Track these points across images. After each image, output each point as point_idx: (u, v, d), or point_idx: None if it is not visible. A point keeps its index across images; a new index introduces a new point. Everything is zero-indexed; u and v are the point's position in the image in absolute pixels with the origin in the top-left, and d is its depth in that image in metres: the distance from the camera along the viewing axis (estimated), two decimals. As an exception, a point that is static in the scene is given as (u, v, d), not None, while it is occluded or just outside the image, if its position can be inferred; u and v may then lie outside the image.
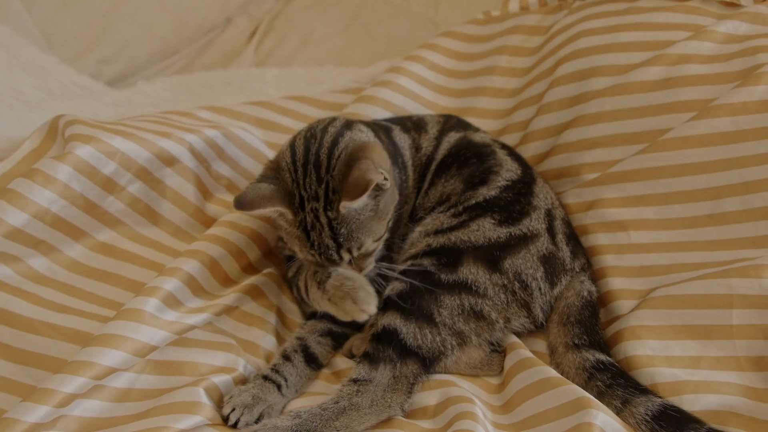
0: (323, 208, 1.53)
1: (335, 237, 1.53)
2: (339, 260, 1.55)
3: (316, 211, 1.53)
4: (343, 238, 1.53)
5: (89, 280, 1.73)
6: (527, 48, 2.19)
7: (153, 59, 3.03)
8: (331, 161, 1.55)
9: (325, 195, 1.53)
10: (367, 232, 1.55)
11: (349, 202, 1.48)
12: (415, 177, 1.81)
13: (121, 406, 1.43)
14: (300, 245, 1.58)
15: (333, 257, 1.55)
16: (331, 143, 1.58)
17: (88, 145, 1.76)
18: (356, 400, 1.44)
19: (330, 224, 1.53)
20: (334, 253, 1.54)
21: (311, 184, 1.54)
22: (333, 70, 2.70)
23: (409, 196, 1.80)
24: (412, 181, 1.81)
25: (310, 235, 1.54)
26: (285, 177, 1.58)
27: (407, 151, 1.82)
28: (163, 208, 1.89)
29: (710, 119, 1.72)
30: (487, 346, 1.60)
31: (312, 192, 1.54)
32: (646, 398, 1.42)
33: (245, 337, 1.65)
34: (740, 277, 1.50)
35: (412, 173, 1.81)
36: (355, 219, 1.54)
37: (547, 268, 1.63)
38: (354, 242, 1.54)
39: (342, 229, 1.53)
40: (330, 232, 1.53)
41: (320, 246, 1.54)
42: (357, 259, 1.58)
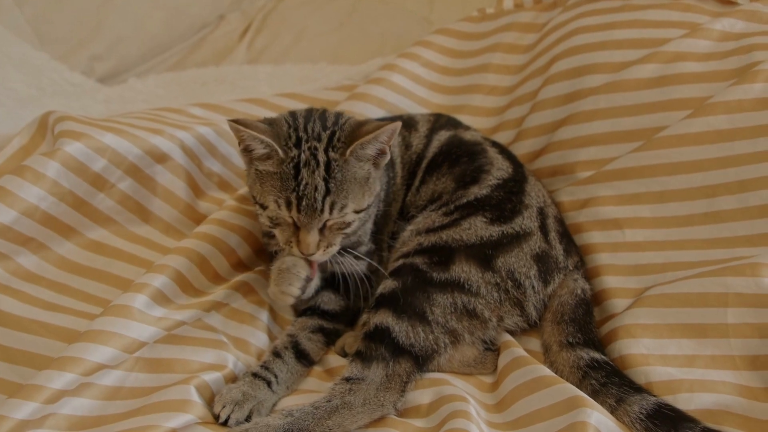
0: (324, 149, 1.53)
1: (327, 180, 1.51)
2: (319, 211, 1.51)
3: (315, 150, 1.52)
4: (334, 183, 1.51)
5: (79, 277, 1.72)
6: (521, 45, 2.19)
7: (145, 56, 3.02)
8: (339, 120, 1.61)
9: (329, 138, 1.55)
10: (353, 195, 1.54)
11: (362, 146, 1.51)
12: (404, 174, 1.81)
13: (111, 404, 1.42)
14: (281, 188, 1.52)
15: (315, 204, 1.50)
16: (337, 113, 1.66)
17: (77, 142, 1.75)
18: (349, 398, 1.43)
19: (328, 164, 1.52)
20: (320, 199, 1.50)
21: (314, 128, 1.56)
22: (326, 68, 2.69)
23: (397, 193, 1.80)
24: (401, 179, 1.81)
25: (300, 174, 1.51)
26: (280, 125, 1.59)
27: (396, 149, 1.82)
28: (153, 205, 1.89)
29: (706, 117, 1.72)
30: (481, 345, 1.59)
31: (314, 134, 1.55)
32: (641, 397, 1.41)
33: (236, 334, 1.64)
34: (736, 276, 1.50)
35: (401, 170, 1.81)
36: (349, 176, 1.53)
37: (540, 267, 1.63)
38: (341, 197, 1.52)
39: (337, 174, 1.52)
40: (325, 172, 1.51)
41: (306, 188, 1.50)
42: (330, 228, 1.55)
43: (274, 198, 1.54)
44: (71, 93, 2.55)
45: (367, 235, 1.72)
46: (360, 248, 1.71)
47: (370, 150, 1.56)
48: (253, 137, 1.53)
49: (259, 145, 1.54)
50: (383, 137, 1.54)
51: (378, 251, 1.75)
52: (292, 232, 1.56)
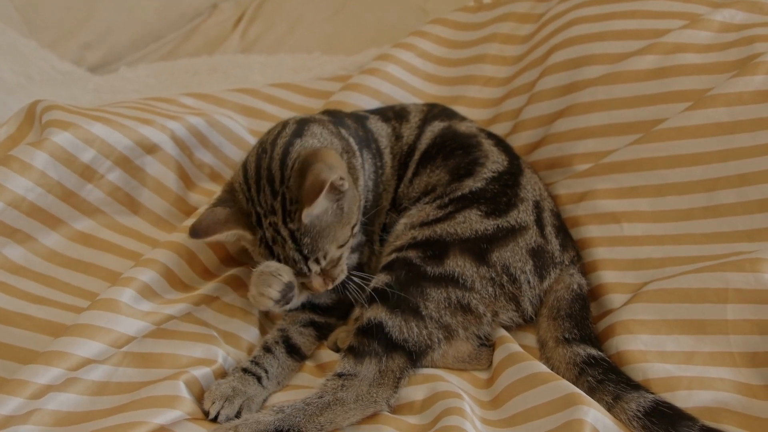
0: (282, 221, 1.50)
1: (299, 249, 1.51)
2: (308, 272, 1.53)
3: (275, 225, 1.50)
4: (307, 249, 1.50)
5: (67, 270, 1.70)
6: (519, 36, 2.17)
7: (136, 45, 2.99)
8: (284, 173, 1.52)
9: (282, 207, 1.50)
10: (330, 240, 1.52)
11: (309, 207, 1.44)
12: (395, 165, 1.80)
13: (99, 400, 1.40)
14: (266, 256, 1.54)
15: (302, 270, 1.52)
16: (282, 155, 1.54)
17: (65, 132, 1.73)
18: (341, 394, 1.41)
19: (292, 236, 1.50)
20: (303, 266, 1.52)
21: (266, 199, 1.52)
22: (320, 58, 2.67)
23: (387, 183, 1.78)
24: (390, 169, 1.79)
25: (274, 251, 1.52)
26: (239, 198, 1.56)
27: (384, 139, 1.80)
28: (143, 196, 1.87)
29: (706, 109, 1.70)
30: (475, 340, 1.58)
31: (268, 207, 1.51)
32: (638, 394, 1.39)
33: (227, 329, 1.62)
34: (736, 271, 1.49)
35: (390, 161, 1.80)
36: (317, 226, 1.50)
37: (536, 261, 1.61)
38: (319, 252, 1.51)
39: (305, 239, 1.50)
40: (293, 244, 1.50)
41: (286, 260, 1.51)
42: (326, 270, 1.56)
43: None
44: (60, 82, 2.54)
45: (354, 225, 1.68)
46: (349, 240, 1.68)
47: (324, 204, 1.49)
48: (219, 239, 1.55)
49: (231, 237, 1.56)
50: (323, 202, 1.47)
51: (369, 243, 1.74)
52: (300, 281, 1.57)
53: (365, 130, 1.79)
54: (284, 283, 1.52)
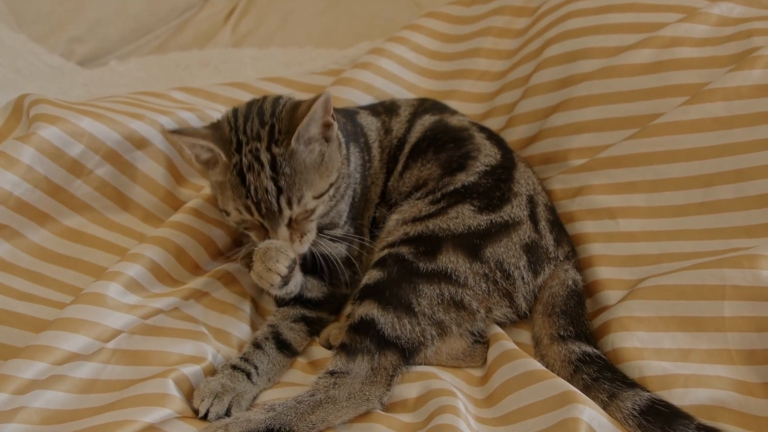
0: (266, 147, 1.50)
1: (276, 178, 1.48)
2: (278, 212, 1.50)
3: (257, 151, 1.50)
4: (284, 180, 1.49)
5: (55, 266, 1.69)
6: (513, 29, 2.16)
7: (126, 38, 2.96)
8: (276, 108, 1.57)
9: (269, 133, 1.51)
10: (308, 184, 1.51)
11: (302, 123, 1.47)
12: (383, 158, 1.79)
13: (86, 398, 1.38)
14: (235, 196, 1.52)
15: (272, 206, 1.49)
16: (274, 100, 1.61)
17: (53, 126, 1.72)
18: (333, 392, 1.40)
19: (273, 162, 1.49)
20: (274, 200, 1.49)
21: (253, 127, 1.53)
22: (312, 52, 2.65)
23: (375, 177, 1.78)
24: (379, 162, 1.79)
25: (246, 179, 1.49)
26: (223, 126, 1.58)
27: (373, 133, 1.81)
28: (133, 192, 1.85)
29: (703, 104, 1.69)
30: (469, 337, 1.57)
31: (253, 134, 1.52)
32: (634, 392, 1.39)
33: (217, 325, 1.61)
34: (733, 268, 1.48)
35: (379, 154, 1.80)
36: (299, 165, 1.50)
37: (530, 257, 1.60)
38: (295, 190, 1.49)
39: (285, 168, 1.49)
40: (271, 172, 1.48)
41: (257, 192, 1.49)
42: (297, 220, 1.53)
43: (234, 206, 1.54)
44: (49, 76, 2.52)
45: (341, 217, 1.70)
46: (335, 230, 1.68)
47: (314, 129, 1.53)
48: (193, 144, 1.55)
49: (203, 151, 1.56)
50: (319, 111, 1.51)
51: (359, 236, 1.73)
52: (264, 233, 1.55)
53: (354, 125, 1.79)
54: (291, 259, 1.52)
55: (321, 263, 1.65)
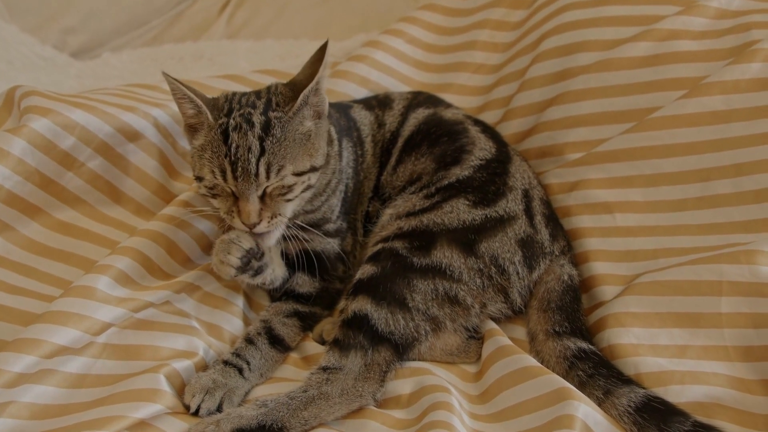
0: (261, 111, 1.48)
1: (263, 139, 1.45)
2: (255, 176, 1.45)
3: (249, 114, 1.48)
4: (270, 143, 1.46)
5: (46, 260, 1.68)
6: (510, 22, 2.14)
7: (120, 30, 2.94)
8: (270, 88, 1.57)
9: (266, 102, 1.51)
10: (292, 156, 1.48)
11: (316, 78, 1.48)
12: (376, 152, 1.79)
13: (77, 393, 1.37)
14: (213, 156, 1.48)
15: (250, 167, 1.45)
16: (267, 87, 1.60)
17: (44, 118, 1.71)
18: (326, 389, 1.39)
19: (266, 123, 1.47)
20: (254, 161, 1.45)
21: (249, 99, 1.53)
22: (308, 44, 2.64)
23: (368, 170, 1.77)
24: (372, 156, 1.78)
25: (229, 137, 1.46)
26: (219, 99, 1.57)
27: (366, 127, 1.80)
28: (125, 185, 1.85)
29: (701, 98, 1.68)
30: (464, 332, 1.56)
31: (248, 102, 1.52)
32: (629, 389, 1.38)
33: (209, 320, 1.60)
34: (730, 263, 1.47)
35: (372, 148, 1.79)
36: (291, 131, 1.48)
37: (525, 252, 1.59)
38: (278, 158, 1.46)
39: (276, 131, 1.47)
40: (260, 132, 1.46)
41: (238, 150, 1.45)
42: (271, 195, 1.49)
43: (209, 168, 1.49)
44: (42, 67, 2.51)
45: (332, 211, 1.68)
46: (327, 226, 1.67)
47: (314, 98, 1.52)
48: (183, 94, 1.51)
49: (190, 107, 1.52)
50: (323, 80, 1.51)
51: (352, 232, 1.72)
52: (232, 202, 1.50)
53: (348, 119, 1.78)
54: (245, 250, 1.49)
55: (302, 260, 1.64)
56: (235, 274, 1.50)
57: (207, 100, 1.53)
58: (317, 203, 1.64)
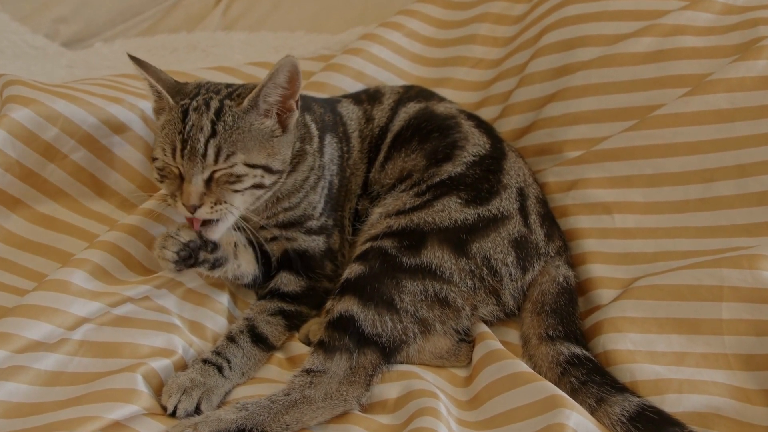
0: (221, 98, 1.49)
1: (215, 122, 1.44)
2: (202, 155, 1.43)
3: (210, 99, 1.48)
4: (222, 127, 1.45)
5: (26, 253, 1.66)
6: (511, 16, 2.12)
7: (114, 20, 2.92)
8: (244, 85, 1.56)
9: (228, 92, 1.51)
10: (245, 147, 1.47)
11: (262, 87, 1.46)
12: (364, 148, 1.76)
13: (50, 391, 1.35)
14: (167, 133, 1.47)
15: (198, 146, 1.43)
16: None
17: (26, 108, 1.69)
18: (309, 392, 1.36)
19: (220, 108, 1.46)
20: (203, 140, 1.43)
21: (217, 86, 1.54)
22: (304, 36, 2.61)
23: (356, 166, 1.74)
24: (359, 152, 1.75)
25: (188, 116, 1.46)
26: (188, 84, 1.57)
27: (353, 122, 1.77)
28: (109, 178, 1.83)
29: (705, 95, 1.66)
30: (454, 335, 1.53)
31: (214, 88, 1.53)
32: (623, 397, 1.35)
33: (191, 317, 1.56)
34: (732, 268, 1.45)
35: (359, 144, 1.76)
36: (246, 123, 1.47)
37: (519, 253, 1.56)
38: (228, 143, 1.45)
39: (228, 117, 1.46)
40: (214, 116, 1.45)
41: (191, 129, 1.44)
42: (218, 181, 1.46)
43: (161, 146, 1.48)
44: (32, 56, 2.49)
45: (314, 208, 1.65)
46: (309, 223, 1.65)
47: (273, 97, 1.49)
48: (144, 78, 1.52)
49: (153, 93, 1.54)
50: (282, 75, 1.46)
51: (340, 230, 1.69)
52: (177, 185, 1.48)
53: (334, 114, 1.75)
54: (182, 243, 1.48)
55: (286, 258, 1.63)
56: (175, 267, 1.48)
57: (171, 85, 1.53)
58: (295, 200, 1.61)
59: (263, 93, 1.47)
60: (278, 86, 1.48)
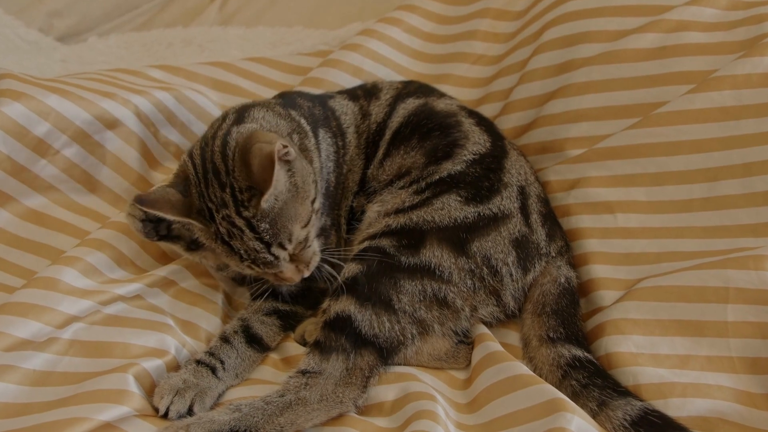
0: (236, 212, 1.40)
1: (260, 237, 1.41)
2: (275, 260, 1.43)
3: (229, 217, 1.41)
4: (268, 234, 1.41)
5: (16, 250, 1.65)
6: (512, 11, 2.09)
7: (109, 14, 2.88)
8: (227, 164, 1.43)
9: (233, 198, 1.41)
10: (291, 219, 1.43)
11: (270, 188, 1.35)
12: (361, 144, 1.73)
13: (39, 391, 1.33)
14: (230, 259, 1.47)
15: (267, 259, 1.42)
16: (222, 146, 1.46)
17: (17, 102, 1.68)
18: (304, 393, 1.34)
19: (249, 225, 1.40)
20: (266, 254, 1.42)
21: (215, 192, 1.43)
22: (301, 32, 2.58)
23: (352, 163, 1.72)
24: (355, 148, 1.73)
25: (233, 247, 1.43)
26: (192, 191, 1.47)
27: (348, 117, 1.75)
28: (102, 174, 1.81)
29: (710, 92, 1.63)
30: (453, 337, 1.51)
31: (218, 200, 1.42)
32: (625, 401, 1.33)
33: (185, 317, 1.55)
34: (738, 269, 1.42)
35: (355, 140, 1.73)
36: (275, 208, 1.40)
37: (520, 253, 1.53)
38: (282, 234, 1.42)
39: (263, 225, 1.40)
40: (252, 233, 1.40)
41: (248, 253, 1.42)
42: (296, 255, 1.46)
43: (235, 266, 1.48)
44: (26, 50, 2.46)
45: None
46: None
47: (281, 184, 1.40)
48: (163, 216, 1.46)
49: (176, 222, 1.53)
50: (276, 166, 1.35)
51: (336, 228, 1.67)
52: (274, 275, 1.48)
53: (324, 109, 1.73)
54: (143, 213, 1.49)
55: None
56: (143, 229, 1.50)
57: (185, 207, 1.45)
58: None
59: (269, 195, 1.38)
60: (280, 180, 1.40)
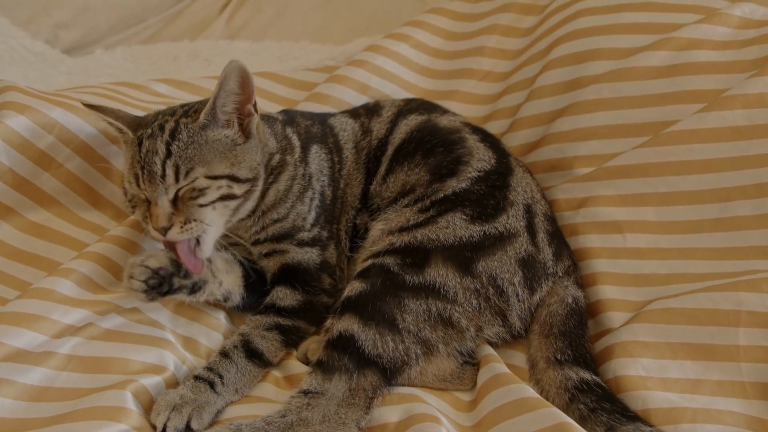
0: (176, 119, 1.49)
1: (169, 143, 1.44)
2: (162, 176, 1.43)
3: (165, 122, 1.49)
4: (177, 146, 1.44)
5: (16, 263, 1.65)
6: (520, 28, 2.09)
7: (115, 27, 2.90)
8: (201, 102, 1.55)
9: (185, 112, 1.52)
10: (204, 160, 1.46)
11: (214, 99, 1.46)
12: (360, 159, 1.74)
13: (36, 407, 1.32)
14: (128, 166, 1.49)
15: (156, 168, 1.43)
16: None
17: (21, 115, 1.69)
18: (306, 414, 1.32)
19: (175, 128, 1.47)
20: (160, 162, 1.43)
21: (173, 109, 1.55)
22: (308, 47, 2.59)
23: (350, 177, 1.72)
24: (353, 163, 1.74)
25: (143, 144, 1.46)
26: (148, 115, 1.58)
27: (346, 133, 1.77)
28: (104, 188, 1.82)
29: (721, 111, 1.62)
30: (458, 357, 1.49)
31: (170, 112, 1.54)
32: (634, 426, 1.31)
33: (185, 333, 1.54)
34: (750, 291, 1.42)
35: (354, 155, 1.75)
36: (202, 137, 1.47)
37: (526, 272, 1.52)
38: (185, 160, 1.44)
39: (182, 135, 1.45)
40: (168, 137, 1.45)
41: (147, 155, 1.44)
42: (183, 198, 1.45)
43: (126, 178, 1.50)
44: (31, 62, 2.48)
45: (304, 219, 1.64)
46: (300, 234, 1.62)
47: (229, 106, 1.49)
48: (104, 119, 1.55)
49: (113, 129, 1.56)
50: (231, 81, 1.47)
51: (335, 243, 1.67)
52: (146, 208, 1.48)
53: (323, 126, 1.75)
54: (151, 270, 1.45)
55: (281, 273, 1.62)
56: (146, 297, 1.45)
57: (131, 120, 1.55)
58: (282, 210, 1.60)
59: (218, 104, 1.48)
60: (231, 93, 1.48)
